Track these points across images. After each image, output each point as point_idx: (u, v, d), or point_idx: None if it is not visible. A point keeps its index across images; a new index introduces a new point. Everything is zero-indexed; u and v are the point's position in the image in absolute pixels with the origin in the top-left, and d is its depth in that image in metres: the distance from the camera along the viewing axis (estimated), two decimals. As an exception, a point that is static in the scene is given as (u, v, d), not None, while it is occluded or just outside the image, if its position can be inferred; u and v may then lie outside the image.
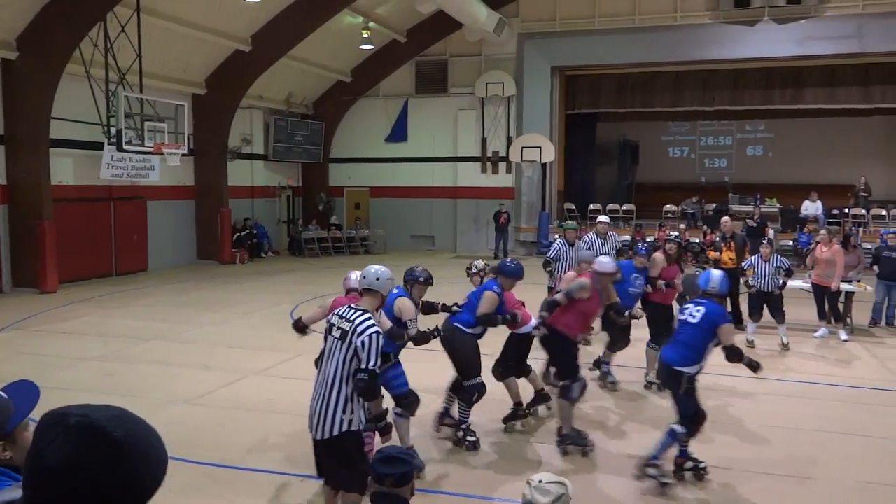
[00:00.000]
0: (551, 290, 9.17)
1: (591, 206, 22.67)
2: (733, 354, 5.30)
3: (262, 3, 16.61)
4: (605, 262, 6.28)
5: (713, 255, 10.93)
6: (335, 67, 21.88)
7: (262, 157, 21.68)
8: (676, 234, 9.02)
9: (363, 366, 3.84)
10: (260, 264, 19.57)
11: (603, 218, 10.54)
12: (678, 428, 5.30)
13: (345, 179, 23.86)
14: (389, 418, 4.61)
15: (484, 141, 22.24)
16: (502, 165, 22.07)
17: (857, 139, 24.20)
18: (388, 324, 5.13)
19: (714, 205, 22.08)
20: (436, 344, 5.70)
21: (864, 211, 20.58)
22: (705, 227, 20.04)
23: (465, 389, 5.89)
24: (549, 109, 21.91)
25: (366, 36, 19.73)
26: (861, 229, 19.42)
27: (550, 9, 21.30)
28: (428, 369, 6.60)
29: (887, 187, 22.85)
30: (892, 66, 20.39)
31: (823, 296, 10.30)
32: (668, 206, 22.69)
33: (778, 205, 21.47)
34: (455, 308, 6.06)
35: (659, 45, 20.32)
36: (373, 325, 3.93)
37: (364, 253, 22.07)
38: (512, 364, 6.51)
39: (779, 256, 10.12)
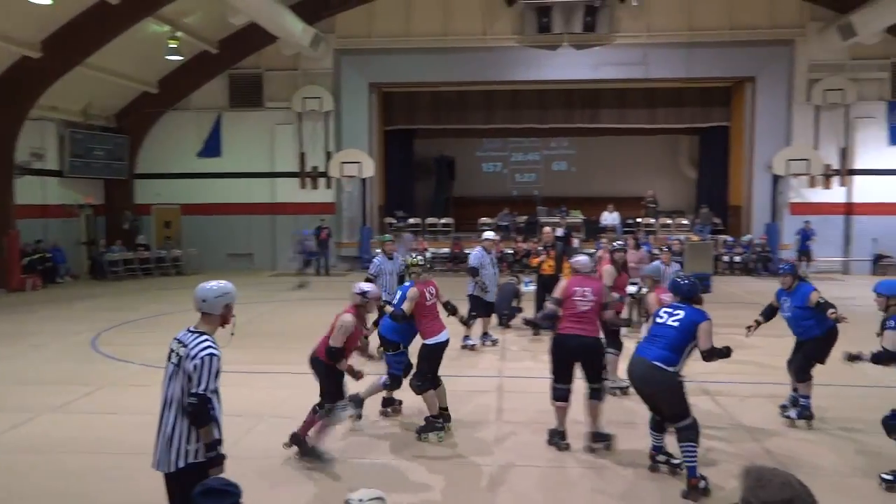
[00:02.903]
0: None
1: (411, 220, 23.13)
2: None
3: (53, 7, 15.22)
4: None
5: (535, 261, 11.65)
6: (140, 78, 20.58)
7: (56, 174, 19.85)
8: (620, 241, 9.51)
9: (193, 389, 3.65)
10: (55, 290, 17.84)
11: (489, 234, 10.93)
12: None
13: (153, 196, 22.44)
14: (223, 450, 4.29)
15: (303, 156, 21.95)
16: (322, 181, 21.89)
17: (645, 155, 26.73)
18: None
19: (526, 217, 23.40)
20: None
21: (653, 220, 22.81)
22: (518, 238, 21.20)
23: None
24: (368, 125, 22.13)
25: (173, 46, 18.73)
26: (651, 237, 21.49)
27: (365, 26, 21.55)
28: (240, 393, 6.38)
29: (672, 199, 25.44)
30: (672, 91, 22.88)
31: None
32: (483, 219, 23.66)
33: (581, 216, 23.17)
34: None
35: (470, 65, 21.28)
36: (208, 348, 3.71)
37: (176, 274, 20.89)
38: (430, 377, 6.57)
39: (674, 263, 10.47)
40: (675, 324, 5.35)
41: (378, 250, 10.34)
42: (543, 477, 5.79)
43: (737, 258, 20.48)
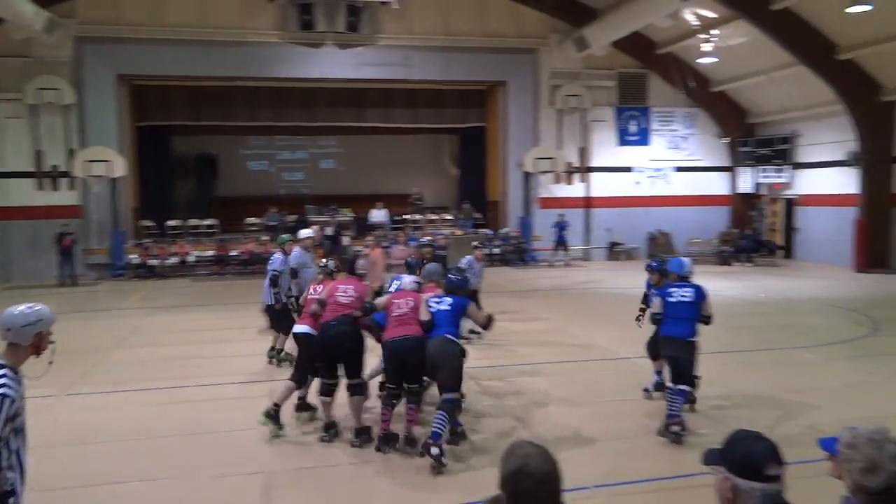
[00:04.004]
0: (277, 303, 9.23)
1: (171, 222, 21.75)
2: (710, 321, 6.64)
3: None
4: None
5: None
6: None
7: None
8: (429, 237, 9.49)
9: None
10: None
11: (308, 231, 10.29)
12: (686, 388, 6.41)
13: None
14: None
15: (39, 154, 19.60)
16: (64, 181, 19.72)
17: (410, 154, 27.66)
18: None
19: (295, 216, 23.07)
20: None
21: (419, 216, 23.69)
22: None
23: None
24: (117, 120, 20.36)
25: None
26: (419, 232, 22.33)
27: (111, 13, 19.78)
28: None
29: (436, 196, 26.60)
30: (433, 92, 23.87)
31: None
32: (250, 219, 22.96)
33: (351, 214, 23.37)
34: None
35: (230, 59, 20.46)
36: (1, 386, 3.12)
37: None
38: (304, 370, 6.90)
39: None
40: (448, 308, 6.35)
41: (276, 250, 10.04)
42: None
43: (496, 250, 21.94)
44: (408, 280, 6.82)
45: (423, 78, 22.19)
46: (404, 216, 23.48)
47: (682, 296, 6.59)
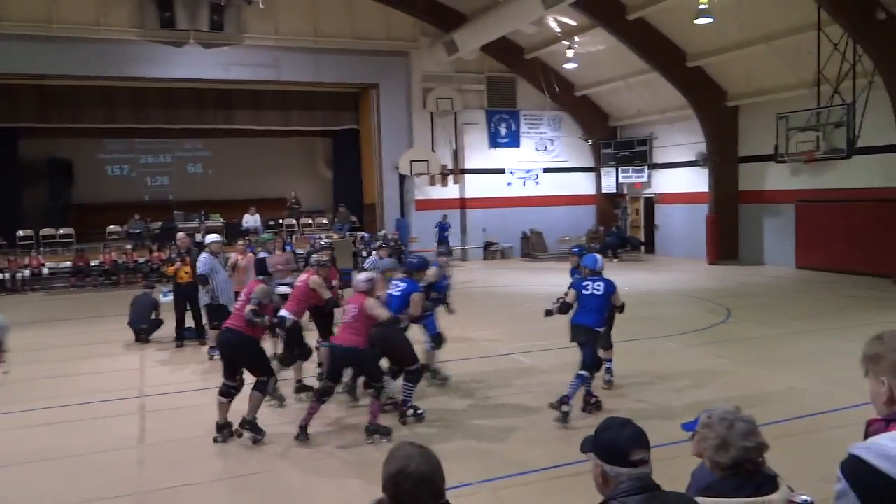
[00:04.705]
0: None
1: (21, 232, 20.14)
2: (623, 309, 7.41)
3: None
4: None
5: (171, 269, 10.90)
6: None
7: None
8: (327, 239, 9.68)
9: None
10: None
11: (214, 237, 10.64)
12: (585, 373, 6.90)
13: None
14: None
15: None
16: None
17: (283, 157, 27.04)
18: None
19: (161, 223, 21.98)
20: None
21: (294, 221, 23.22)
22: (153, 246, 19.81)
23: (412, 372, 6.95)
24: (-47, 122, 18.61)
25: None
26: (294, 236, 21.88)
27: (-58, 3, 18.04)
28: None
29: (311, 199, 26.16)
30: (304, 94, 23.45)
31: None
32: (111, 227, 21.70)
33: (222, 219, 22.55)
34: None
35: (83, 57, 19.15)
36: None
37: None
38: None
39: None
40: (399, 294, 7.16)
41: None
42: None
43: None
44: (360, 278, 6.78)
45: (294, 79, 21.78)
46: (279, 220, 22.93)
47: (595, 289, 7.11)
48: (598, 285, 7.10)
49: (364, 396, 7.27)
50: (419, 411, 6.98)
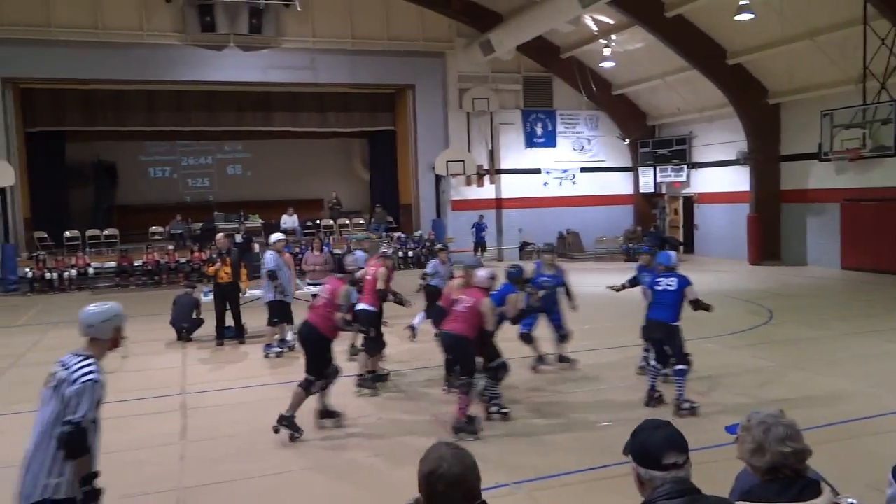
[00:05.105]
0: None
1: (68, 233, 20.68)
2: (700, 305, 7.29)
3: None
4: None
5: (212, 269, 11.04)
6: None
7: None
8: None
9: (68, 416, 3.32)
10: None
11: (279, 235, 10.91)
12: (684, 367, 7.02)
13: None
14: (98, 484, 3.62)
15: (-84, 163, 18.21)
16: (-55, 192, 18.41)
17: (320, 158, 27.29)
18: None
19: (201, 224, 22.36)
20: None
21: (332, 221, 23.43)
22: (194, 246, 20.18)
23: (495, 369, 6.97)
24: (4, 126, 19.19)
25: None
26: (332, 237, 22.09)
27: (-7, 12, 18.62)
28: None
29: (348, 200, 26.36)
30: (341, 96, 23.64)
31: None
32: (154, 228, 22.15)
33: (260, 220, 22.83)
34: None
35: (127, 62, 19.61)
36: (91, 373, 3.41)
37: None
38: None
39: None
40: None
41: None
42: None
43: (409, 253, 21.95)
44: (482, 274, 7.05)
45: (331, 81, 21.98)
46: (317, 221, 23.15)
47: (668, 284, 7.28)
48: (672, 281, 7.27)
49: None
50: (504, 409, 6.97)
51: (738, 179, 20.99)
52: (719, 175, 22.01)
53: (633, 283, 8.73)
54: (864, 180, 17.59)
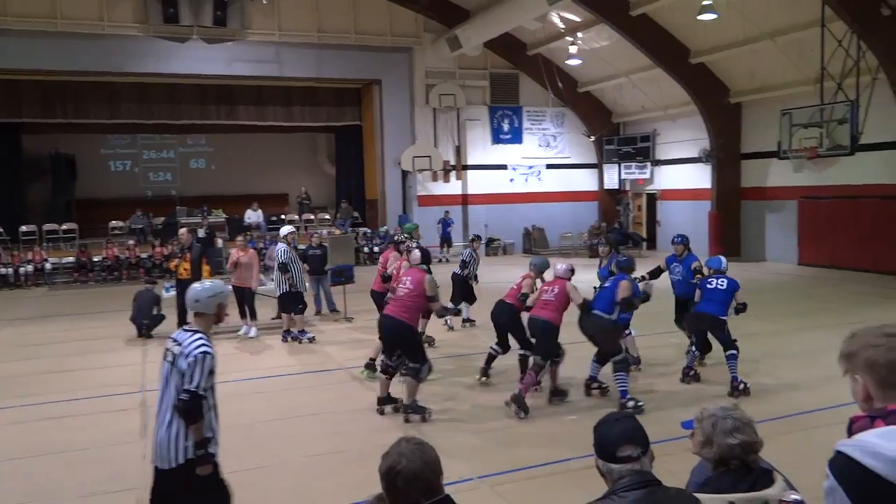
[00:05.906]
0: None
1: (24, 228, 20.19)
2: (744, 309, 7.83)
3: None
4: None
5: (173, 264, 10.93)
6: None
7: None
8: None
9: (185, 385, 3.70)
10: None
11: (289, 227, 11.22)
12: (734, 351, 7.52)
13: None
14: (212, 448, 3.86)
15: None
16: None
17: (285, 153, 27.05)
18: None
19: (163, 218, 22.01)
20: None
21: (297, 216, 23.23)
22: (156, 241, 19.86)
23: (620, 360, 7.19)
24: (-44, 117, 18.64)
25: None
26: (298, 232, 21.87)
27: (-55, -1, 18.06)
28: None
29: (314, 195, 26.13)
30: (307, 90, 23.45)
31: (243, 295, 11.10)
32: (114, 223, 21.75)
33: (224, 215, 22.59)
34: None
35: (87, 53, 19.19)
36: (202, 346, 3.75)
37: None
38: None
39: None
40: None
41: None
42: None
43: (375, 248, 21.86)
44: (561, 267, 7.56)
45: (296, 75, 21.80)
46: (281, 216, 22.95)
47: (719, 284, 7.85)
48: (722, 282, 7.84)
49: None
50: (639, 403, 7.04)
51: (699, 177, 21.35)
52: (682, 172, 22.35)
53: (656, 274, 9.17)
54: (820, 178, 18.02)
